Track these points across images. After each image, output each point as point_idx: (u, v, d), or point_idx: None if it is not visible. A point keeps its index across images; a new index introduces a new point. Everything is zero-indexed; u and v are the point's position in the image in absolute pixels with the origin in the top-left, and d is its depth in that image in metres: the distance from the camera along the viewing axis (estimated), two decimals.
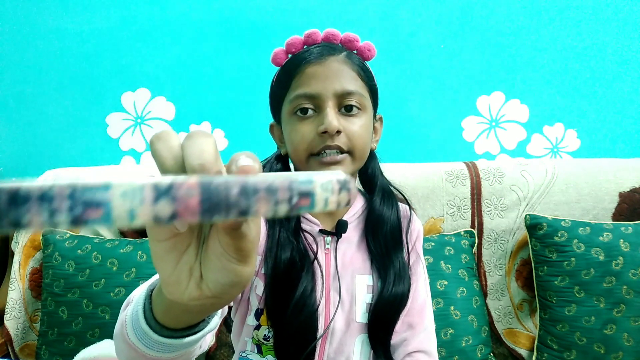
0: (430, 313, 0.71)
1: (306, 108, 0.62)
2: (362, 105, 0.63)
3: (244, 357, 0.66)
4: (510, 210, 1.14)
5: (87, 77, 1.33)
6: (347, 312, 0.66)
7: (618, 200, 1.13)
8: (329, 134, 0.60)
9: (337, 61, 0.62)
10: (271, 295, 0.63)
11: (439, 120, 1.36)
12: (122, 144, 1.36)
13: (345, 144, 0.61)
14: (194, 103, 1.35)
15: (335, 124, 0.59)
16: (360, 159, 0.65)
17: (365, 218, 0.70)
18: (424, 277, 0.73)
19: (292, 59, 0.65)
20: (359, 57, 0.67)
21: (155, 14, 1.32)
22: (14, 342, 1.09)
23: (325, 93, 0.61)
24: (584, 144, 1.36)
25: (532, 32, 1.33)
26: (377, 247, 0.67)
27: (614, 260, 1.01)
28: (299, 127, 0.62)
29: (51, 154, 1.34)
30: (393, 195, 0.72)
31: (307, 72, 0.62)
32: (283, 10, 1.32)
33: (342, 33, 0.67)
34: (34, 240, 1.12)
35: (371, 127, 0.67)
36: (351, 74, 0.63)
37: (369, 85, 0.66)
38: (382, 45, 1.33)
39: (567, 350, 1.02)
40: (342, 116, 0.62)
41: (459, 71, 1.34)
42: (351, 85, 0.62)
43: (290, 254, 0.63)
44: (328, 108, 0.60)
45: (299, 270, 0.63)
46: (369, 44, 0.68)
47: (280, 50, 0.67)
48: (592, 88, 1.34)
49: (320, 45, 0.65)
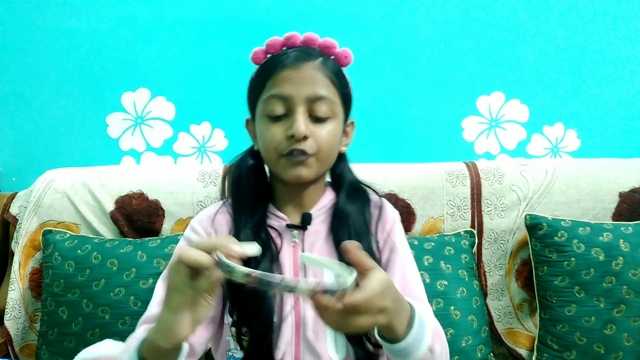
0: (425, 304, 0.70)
1: (278, 110, 0.65)
2: (332, 111, 0.66)
3: (230, 356, 0.68)
4: (510, 210, 1.14)
5: (87, 77, 1.33)
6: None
7: (618, 200, 1.13)
8: (295, 138, 0.63)
9: (311, 67, 0.65)
10: (230, 289, 0.65)
11: (439, 120, 1.36)
12: (122, 144, 1.36)
13: (311, 148, 0.64)
14: (194, 103, 1.35)
15: (303, 130, 0.62)
16: (326, 162, 0.69)
17: (332, 211, 0.73)
18: (409, 268, 0.72)
19: (270, 61, 0.68)
20: (336, 63, 0.69)
21: (155, 14, 1.32)
22: (14, 342, 1.09)
23: (297, 96, 0.63)
24: (584, 144, 1.36)
25: (532, 32, 1.33)
26: (343, 239, 0.68)
27: (614, 260, 1.01)
28: (270, 128, 0.65)
29: (51, 154, 1.35)
30: (361, 192, 0.75)
31: (282, 74, 0.64)
32: (283, 10, 1.32)
33: (322, 38, 0.69)
34: (34, 240, 1.12)
35: (340, 133, 0.69)
36: (324, 80, 0.65)
37: (342, 92, 0.68)
38: (382, 45, 1.34)
39: (567, 350, 1.02)
40: (312, 121, 0.65)
41: (459, 71, 1.34)
42: (323, 90, 0.64)
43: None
44: (298, 113, 0.63)
45: (256, 260, 0.64)
46: (346, 50, 0.70)
47: (260, 49, 0.70)
48: (592, 88, 1.34)
49: (298, 50, 0.67)
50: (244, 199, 0.72)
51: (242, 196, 0.72)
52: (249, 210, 0.70)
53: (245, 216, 0.70)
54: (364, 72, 1.33)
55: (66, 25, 1.32)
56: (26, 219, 1.12)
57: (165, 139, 1.36)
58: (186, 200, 1.12)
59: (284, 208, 0.73)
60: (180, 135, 1.36)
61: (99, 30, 1.32)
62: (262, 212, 0.71)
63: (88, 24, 1.32)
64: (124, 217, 1.12)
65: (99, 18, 1.32)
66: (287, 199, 0.73)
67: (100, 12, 1.32)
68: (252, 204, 0.71)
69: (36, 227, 1.12)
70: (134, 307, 0.98)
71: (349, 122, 0.74)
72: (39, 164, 1.32)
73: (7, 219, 1.18)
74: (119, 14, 1.32)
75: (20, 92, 1.33)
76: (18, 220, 1.15)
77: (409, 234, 1.14)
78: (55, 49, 1.32)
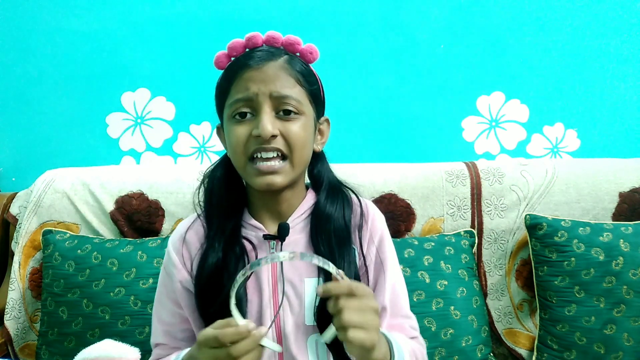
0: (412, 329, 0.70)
1: (244, 112, 0.62)
2: (300, 110, 0.63)
3: None
4: (510, 210, 1.14)
5: (87, 77, 1.33)
6: (297, 315, 0.65)
7: (618, 200, 1.13)
8: (262, 138, 0.60)
9: (275, 66, 0.62)
10: (200, 302, 0.64)
11: (439, 120, 1.36)
12: (122, 144, 1.36)
13: (283, 146, 0.62)
14: (194, 103, 1.35)
15: (269, 128, 0.60)
16: (300, 164, 0.65)
17: (311, 216, 0.69)
18: (399, 282, 0.70)
19: (232, 64, 0.66)
20: (302, 60, 0.66)
21: (155, 14, 1.32)
22: (14, 342, 1.09)
23: (261, 94, 0.61)
24: (584, 144, 1.36)
25: (532, 32, 1.33)
26: (324, 246, 0.65)
27: (614, 260, 1.01)
28: (236, 130, 0.62)
29: (51, 154, 1.34)
30: (342, 193, 0.71)
31: (244, 77, 0.62)
32: (283, 10, 1.32)
33: (284, 35, 0.66)
34: (34, 240, 1.12)
35: (311, 129, 0.66)
36: (289, 79, 0.63)
37: (310, 90, 0.65)
38: (382, 45, 1.34)
39: (567, 350, 1.02)
40: (280, 120, 0.62)
41: (459, 71, 1.34)
42: (287, 90, 0.62)
43: (216, 260, 0.63)
44: (263, 112, 0.61)
45: (228, 273, 0.62)
46: (311, 46, 0.67)
47: (222, 53, 0.67)
48: (592, 88, 1.34)
49: (261, 50, 0.64)
50: (215, 212, 0.68)
51: (213, 209, 0.69)
52: (221, 223, 0.67)
53: (218, 230, 0.66)
54: (363, 72, 1.33)
55: (66, 25, 1.32)
56: (26, 219, 1.12)
57: (165, 139, 1.36)
58: (186, 200, 1.12)
59: (260, 216, 0.69)
60: (180, 135, 1.36)
61: (99, 30, 1.32)
62: (235, 224, 0.67)
63: (88, 24, 1.32)
64: (124, 217, 1.12)
65: (99, 18, 1.32)
66: (263, 207, 0.69)
67: (100, 12, 1.32)
68: (225, 216, 0.67)
69: (36, 227, 1.12)
70: (134, 307, 0.98)
71: (322, 119, 0.71)
72: (39, 164, 1.32)
73: (7, 219, 1.18)
74: (119, 14, 1.32)
75: (20, 92, 1.33)
76: (18, 220, 1.15)
77: (409, 234, 1.14)
78: (55, 49, 1.32)
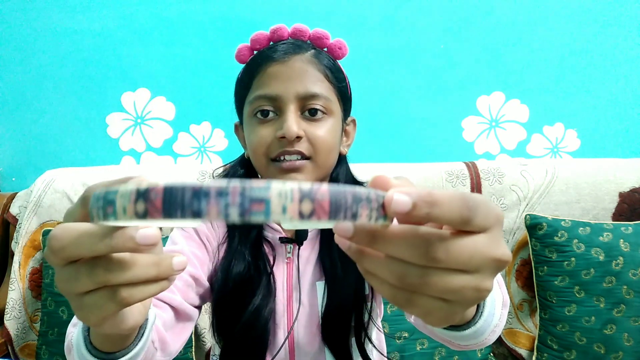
0: None
1: (266, 110, 0.58)
2: (328, 109, 0.59)
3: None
4: (510, 210, 1.14)
5: (87, 77, 1.33)
6: (309, 322, 0.62)
7: (618, 200, 1.13)
8: (287, 140, 0.56)
9: (302, 60, 0.58)
10: (219, 310, 0.60)
11: (439, 120, 1.36)
12: (122, 144, 1.36)
13: (307, 150, 0.57)
14: (194, 103, 1.35)
15: (294, 130, 0.55)
16: (324, 165, 0.60)
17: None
18: None
19: (255, 57, 0.61)
20: (329, 55, 0.62)
21: (155, 14, 1.32)
22: (14, 342, 1.09)
23: (286, 95, 0.56)
24: (584, 144, 1.36)
25: (532, 32, 1.33)
26: (329, 250, 0.62)
27: (614, 260, 1.01)
28: (258, 131, 0.58)
29: (51, 154, 1.34)
30: None
31: (268, 71, 0.58)
32: (283, 10, 1.32)
33: (312, 29, 0.62)
34: (34, 240, 1.12)
35: (339, 132, 0.62)
36: (317, 75, 0.58)
37: (338, 87, 0.61)
38: (383, 45, 1.34)
39: (567, 350, 1.02)
40: (305, 120, 0.58)
41: (459, 71, 1.34)
42: (316, 87, 0.57)
43: (242, 269, 0.60)
44: (289, 112, 0.56)
45: (252, 286, 0.59)
46: (340, 41, 0.62)
47: (244, 46, 0.62)
48: (592, 88, 1.34)
49: (286, 43, 0.60)
50: None
51: None
52: (243, 226, 0.62)
53: (242, 234, 0.63)
54: (364, 72, 1.33)
55: (66, 25, 1.32)
56: (26, 219, 1.12)
57: (165, 139, 1.36)
58: None
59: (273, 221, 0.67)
60: (180, 135, 1.36)
61: (99, 30, 1.32)
62: (259, 227, 0.64)
63: (88, 24, 1.32)
64: None
65: (99, 18, 1.32)
66: None
67: (100, 12, 1.32)
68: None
69: (36, 227, 1.12)
70: None
71: (349, 120, 0.66)
72: (39, 164, 1.32)
73: (7, 219, 1.18)
74: (119, 14, 1.32)
75: (21, 92, 1.33)
76: (18, 220, 1.15)
77: None
78: (56, 49, 1.32)
